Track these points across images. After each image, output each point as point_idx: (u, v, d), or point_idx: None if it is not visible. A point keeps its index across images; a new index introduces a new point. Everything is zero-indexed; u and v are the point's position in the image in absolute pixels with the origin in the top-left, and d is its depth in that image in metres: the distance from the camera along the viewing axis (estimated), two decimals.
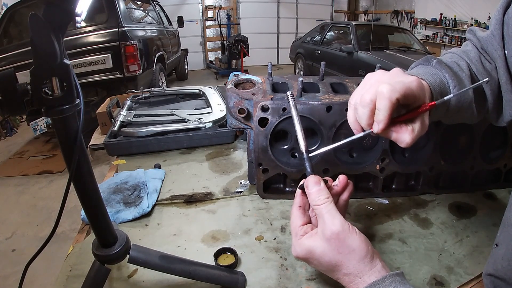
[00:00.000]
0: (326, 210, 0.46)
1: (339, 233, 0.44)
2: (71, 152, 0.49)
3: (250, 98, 0.87)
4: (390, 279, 0.43)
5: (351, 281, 0.45)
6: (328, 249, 0.44)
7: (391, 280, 0.43)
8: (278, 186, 0.98)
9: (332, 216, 0.45)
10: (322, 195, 0.47)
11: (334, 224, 0.44)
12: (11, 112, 0.45)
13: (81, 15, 0.49)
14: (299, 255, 0.49)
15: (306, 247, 0.47)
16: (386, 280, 0.43)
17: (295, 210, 0.52)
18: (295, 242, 0.49)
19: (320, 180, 0.49)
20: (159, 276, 0.65)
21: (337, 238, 0.44)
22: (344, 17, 11.21)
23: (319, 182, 0.49)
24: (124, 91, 2.51)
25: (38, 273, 1.91)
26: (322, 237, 0.45)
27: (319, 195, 0.47)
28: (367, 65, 4.80)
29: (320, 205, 0.46)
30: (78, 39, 3.68)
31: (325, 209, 0.46)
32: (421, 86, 0.48)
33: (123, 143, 1.23)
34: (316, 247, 0.46)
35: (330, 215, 0.45)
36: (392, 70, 0.50)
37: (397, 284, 0.43)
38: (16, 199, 2.97)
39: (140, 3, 5.56)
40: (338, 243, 0.44)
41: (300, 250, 0.48)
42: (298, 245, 0.48)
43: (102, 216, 0.56)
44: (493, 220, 0.85)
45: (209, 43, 9.92)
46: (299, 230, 0.49)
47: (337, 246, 0.44)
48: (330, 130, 0.86)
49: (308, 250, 0.47)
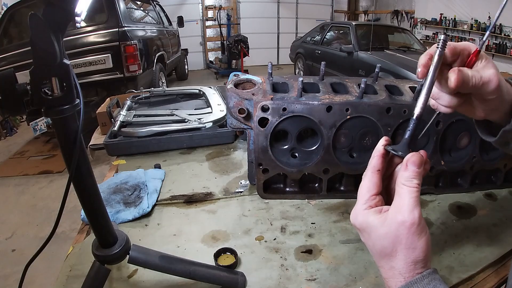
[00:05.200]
0: (412, 195, 0.41)
1: (413, 224, 0.40)
2: (71, 152, 0.49)
3: (250, 98, 0.87)
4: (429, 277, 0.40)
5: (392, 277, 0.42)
6: (393, 233, 0.41)
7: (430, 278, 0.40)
8: (278, 186, 0.97)
9: (414, 203, 0.41)
10: (416, 179, 0.42)
11: (414, 213, 0.40)
12: (11, 112, 0.45)
13: (81, 15, 0.48)
14: (357, 224, 0.45)
15: (370, 220, 0.43)
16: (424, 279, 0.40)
17: (372, 174, 0.46)
18: (360, 210, 0.45)
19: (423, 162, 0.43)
20: (159, 276, 0.65)
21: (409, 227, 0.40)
22: (344, 17, 11.20)
23: (421, 164, 0.43)
24: (124, 91, 2.50)
25: (38, 273, 1.90)
26: (392, 219, 0.41)
27: (415, 177, 0.42)
28: (367, 65, 4.79)
29: (409, 187, 0.41)
30: (78, 39, 3.67)
31: (411, 193, 0.41)
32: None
33: (123, 143, 1.23)
34: (381, 225, 0.42)
35: (413, 201, 0.41)
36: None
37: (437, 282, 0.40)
38: (16, 199, 2.97)
39: (140, 3, 5.55)
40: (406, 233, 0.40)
41: (362, 220, 0.44)
42: (362, 215, 0.44)
43: (102, 216, 0.56)
44: (493, 220, 0.85)
45: (209, 43, 9.91)
46: (370, 199, 0.45)
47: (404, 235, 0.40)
48: (330, 130, 0.86)
49: (370, 224, 0.43)
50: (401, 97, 0.89)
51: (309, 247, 0.77)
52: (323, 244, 0.78)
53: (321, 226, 0.84)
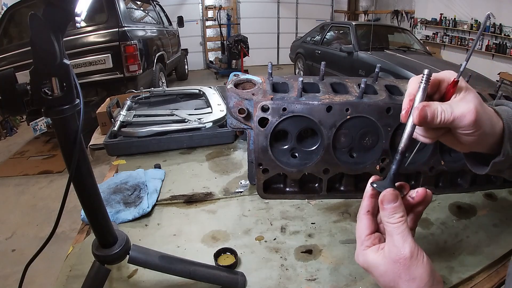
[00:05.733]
0: (398, 231, 0.43)
1: (406, 259, 0.42)
2: (71, 152, 0.49)
3: (250, 98, 0.87)
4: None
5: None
6: (391, 271, 0.43)
7: None
8: (278, 186, 0.97)
9: (403, 239, 0.42)
10: (397, 213, 0.43)
11: (404, 248, 0.42)
12: (11, 112, 0.45)
13: (81, 15, 0.48)
14: (360, 264, 0.47)
15: (369, 260, 0.45)
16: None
17: (363, 215, 0.47)
18: (360, 251, 0.47)
19: (398, 196, 0.44)
20: (159, 276, 0.65)
21: (403, 263, 0.42)
22: (344, 17, 11.19)
23: (396, 198, 0.44)
24: (124, 91, 2.50)
25: (38, 273, 1.90)
26: (388, 256, 0.43)
27: (394, 212, 0.43)
28: (367, 65, 4.79)
29: (393, 224, 0.43)
30: (78, 39, 3.67)
31: (397, 229, 0.43)
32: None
33: (123, 143, 1.23)
34: (379, 265, 0.44)
35: (401, 237, 0.42)
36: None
37: None
38: (16, 199, 2.97)
39: (140, 3, 5.55)
40: (402, 269, 0.42)
41: (363, 260, 0.46)
42: (362, 255, 0.46)
43: (102, 216, 0.56)
44: (493, 221, 0.85)
45: (209, 43, 9.91)
46: (366, 240, 0.46)
47: (400, 271, 0.42)
48: (330, 130, 0.86)
49: (370, 264, 0.45)
50: (401, 97, 0.89)
51: (309, 247, 0.77)
52: (323, 244, 0.78)
53: (321, 226, 0.84)
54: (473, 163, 0.56)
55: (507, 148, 0.48)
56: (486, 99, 0.95)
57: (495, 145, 0.49)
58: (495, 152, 0.49)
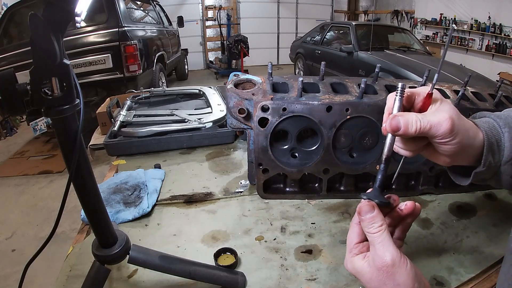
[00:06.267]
0: (379, 240, 0.45)
1: (388, 266, 0.43)
2: (71, 152, 0.49)
3: (250, 98, 0.87)
4: None
5: None
6: (376, 278, 0.45)
7: None
8: (278, 186, 0.97)
9: (384, 247, 0.44)
10: (376, 222, 0.46)
11: (385, 256, 0.44)
12: (11, 112, 0.45)
13: (81, 15, 0.48)
14: (349, 270, 0.50)
15: (356, 267, 0.47)
16: None
17: (355, 225, 0.50)
18: (348, 257, 0.50)
19: (374, 207, 0.47)
20: (159, 276, 0.65)
21: (386, 270, 0.44)
22: (344, 17, 11.19)
23: (373, 208, 0.46)
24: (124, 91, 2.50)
25: (38, 273, 1.91)
26: (372, 265, 0.45)
27: (373, 222, 0.46)
28: (367, 65, 4.79)
29: (373, 234, 0.45)
30: (78, 39, 3.67)
31: (378, 238, 0.45)
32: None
33: (123, 143, 1.23)
34: (365, 272, 0.46)
35: (382, 245, 0.44)
36: None
37: None
38: (16, 199, 2.97)
39: (140, 3, 5.55)
40: (386, 276, 0.44)
41: (350, 267, 0.49)
42: (350, 262, 0.49)
43: (102, 216, 0.56)
44: (493, 221, 0.85)
45: (209, 43, 9.91)
46: (354, 248, 0.49)
47: (384, 278, 0.44)
48: (330, 130, 0.86)
49: (357, 271, 0.48)
50: None
51: (309, 247, 0.77)
52: (323, 244, 0.78)
53: (321, 226, 0.84)
54: (455, 176, 0.59)
55: (488, 159, 0.50)
56: (485, 99, 0.95)
57: (477, 156, 0.51)
58: (477, 164, 0.51)
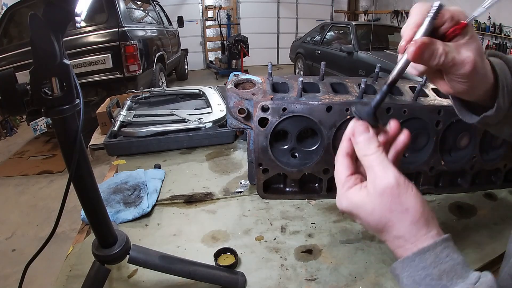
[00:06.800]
0: (377, 161, 0.39)
1: (392, 187, 0.38)
2: (71, 152, 0.49)
3: (250, 98, 0.87)
4: (443, 245, 0.37)
5: (400, 246, 0.39)
6: (379, 205, 0.39)
7: (443, 245, 0.37)
8: (278, 186, 0.97)
9: (384, 167, 0.39)
10: (371, 143, 0.40)
11: (388, 177, 0.38)
12: (11, 112, 0.45)
13: (81, 15, 0.48)
14: (344, 209, 0.43)
15: (354, 201, 0.41)
16: (438, 246, 0.37)
17: (342, 158, 0.44)
18: (341, 193, 0.43)
19: (368, 127, 0.42)
20: (159, 276, 0.65)
21: (390, 193, 0.38)
22: (344, 17, 11.19)
23: (368, 129, 0.41)
24: (124, 91, 2.50)
25: (38, 273, 1.90)
26: (373, 192, 0.39)
27: (369, 143, 0.41)
28: (367, 65, 4.79)
29: (370, 155, 0.40)
30: (78, 39, 3.67)
31: (376, 159, 0.40)
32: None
33: (123, 143, 1.23)
34: (365, 203, 0.40)
35: (382, 166, 0.39)
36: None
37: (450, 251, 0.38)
38: (16, 199, 2.97)
39: (140, 3, 5.55)
40: (391, 199, 0.38)
41: (346, 204, 0.42)
42: (345, 198, 0.42)
43: (102, 216, 0.56)
44: (493, 220, 0.85)
45: (209, 43, 9.91)
46: (347, 180, 0.43)
47: (390, 203, 0.38)
48: (330, 130, 0.86)
49: (355, 205, 0.41)
50: (401, 97, 0.89)
51: (309, 247, 0.77)
52: (323, 244, 0.78)
53: (321, 226, 0.84)
54: (460, 109, 0.52)
55: (500, 103, 0.46)
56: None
57: (484, 95, 0.46)
58: (483, 103, 0.47)
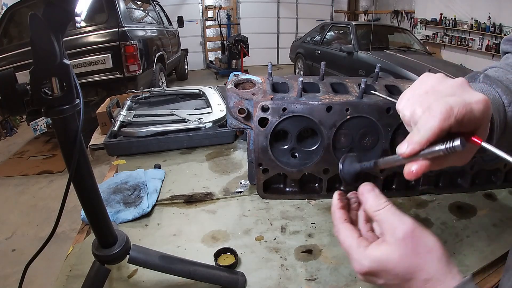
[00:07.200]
0: (390, 212, 0.41)
1: (413, 231, 0.39)
2: (71, 152, 0.49)
3: (250, 98, 0.87)
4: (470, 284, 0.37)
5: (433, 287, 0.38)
6: (404, 253, 0.38)
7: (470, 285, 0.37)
8: (278, 186, 0.97)
9: (399, 215, 0.40)
10: (380, 199, 0.42)
11: (405, 223, 0.39)
12: (11, 112, 0.45)
13: (81, 15, 0.48)
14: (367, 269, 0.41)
15: (378, 257, 0.40)
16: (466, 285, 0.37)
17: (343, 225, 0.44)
18: (359, 255, 0.41)
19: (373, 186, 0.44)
20: (159, 276, 0.65)
21: (412, 236, 0.38)
22: (344, 17, 11.19)
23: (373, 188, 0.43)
24: (124, 91, 2.50)
25: (38, 273, 1.90)
26: (394, 241, 0.39)
27: (378, 199, 0.42)
28: (367, 65, 4.79)
29: (382, 209, 0.41)
30: (78, 39, 3.67)
31: (389, 211, 0.41)
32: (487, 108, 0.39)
33: (123, 143, 1.23)
34: (389, 254, 0.39)
35: (396, 215, 0.40)
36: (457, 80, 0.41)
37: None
38: (16, 199, 2.97)
39: (140, 3, 5.55)
40: (414, 243, 0.38)
41: (369, 263, 0.40)
42: (365, 257, 0.40)
43: (102, 216, 0.56)
44: (493, 220, 0.85)
45: (209, 43, 9.91)
46: (360, 241, 0.42)
47: (414, 247, 0.38)
48: (330, 130, 0.86)
49: (379, 260, 0.39)
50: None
51: (309, 247, 0.77)
52: (323, 244, 0.78)
53: (321, 226, 0.84)
54: None
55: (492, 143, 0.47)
56: None
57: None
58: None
